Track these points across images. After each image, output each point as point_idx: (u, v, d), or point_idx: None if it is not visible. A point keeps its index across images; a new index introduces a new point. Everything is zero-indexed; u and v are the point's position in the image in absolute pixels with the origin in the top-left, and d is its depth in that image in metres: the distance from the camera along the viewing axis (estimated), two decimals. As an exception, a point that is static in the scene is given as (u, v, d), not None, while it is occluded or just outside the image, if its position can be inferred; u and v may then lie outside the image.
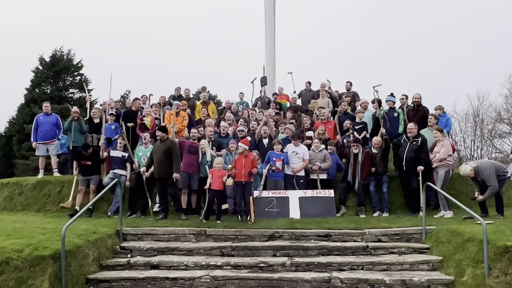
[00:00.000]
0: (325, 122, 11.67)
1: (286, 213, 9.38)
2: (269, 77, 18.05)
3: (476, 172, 8.36)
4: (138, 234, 7.93)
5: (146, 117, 11.70)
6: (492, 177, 8.20)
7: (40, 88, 31.67)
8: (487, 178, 8.23)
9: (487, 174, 8.23)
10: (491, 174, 8.21)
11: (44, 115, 12.03)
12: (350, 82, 14.67)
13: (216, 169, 9.07)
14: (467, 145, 34.30)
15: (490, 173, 8.22)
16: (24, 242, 6.10)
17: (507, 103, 31.57)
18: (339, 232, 7.73)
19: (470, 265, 6.09)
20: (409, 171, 9.47)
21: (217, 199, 8.99)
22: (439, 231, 7.37)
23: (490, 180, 8.21)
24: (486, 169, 8.27)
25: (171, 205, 9.63)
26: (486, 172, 8.25)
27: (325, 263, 6.69)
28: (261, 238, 7.69)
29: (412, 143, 9.52)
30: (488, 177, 8.22)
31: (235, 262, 6.76)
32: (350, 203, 10.17)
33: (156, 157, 9.32)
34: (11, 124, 31.62)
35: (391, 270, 6.62)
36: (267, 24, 18.77)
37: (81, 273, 6.33)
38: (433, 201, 9.90)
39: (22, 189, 11.72)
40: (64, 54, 32.42)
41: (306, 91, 15.33)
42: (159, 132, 9.56)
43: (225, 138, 11.10)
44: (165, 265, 6.82)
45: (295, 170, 10.04)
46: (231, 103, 15.70)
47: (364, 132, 11.24)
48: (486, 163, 8.52)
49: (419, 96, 11.31)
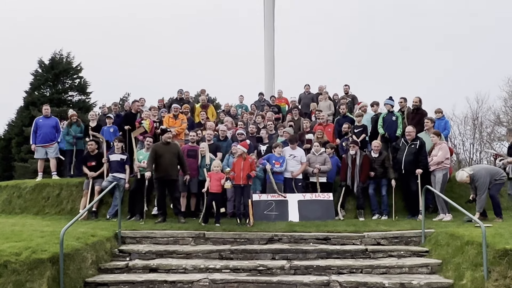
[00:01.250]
0: (324, 125, 11.67)
1: (285, 216, 9.37)
2: (268, 80, 18.11)
3: (471, 179, 8.53)
4: (136, 237, 7.91)
5: (144, 120, 11.71)
6: (483, 188, 8.39)
7: (39, 90, 31.61)
8: (480, 186, 8.43)
9: (481, 183, 8.42)
10: (483, 184, 8.40)
11: (43, 117, 12.01)
12: (348, 85, 14.69)
13: (214, 172, 9.07)
14: (466, 148, 34.33)
15: (484, 182, 8.41)
16: (23, 245, 6.09)
17: (506, 106, 31.62)
18: (338, 235, 7.72)
19: (469, 268, 6.08)
20: (408, 174, 9.47)
21: (215, 202, 8.98)
22: (438, 234, 7.37)
23: (481, 189, 8.41)
24: (481, 177, 8.45)
25: (170, 208, 9.62)
26: (480, 181, 8.43)
27: (324, 266, 6.68)
28: (260, 241, 7.67)
29: (411, 146, 9.52)
30: (481, 185, 8.41)
31: (234, 266, 6.75)
32: (349, 206, 10.17)
33: (166, 159, 9.20)
34: (10, 127, 31.59)
35: (390, 273, 6.62)
36: (266, 28, 18.79)
37: (80, 276, 6.32)
38: (431, 204, 9.89)
39: (21, 192, 11.71)
40: (63, 57, 32.36)
41: (305, 94, 15.35)
42: (169, 134, 9.55)
43: (224, 141, 11.11)
44: (164, 269, 6.80)
45: (294, 174, 10.04)
46: (230, 106, 15.72)
47: (363, 135, 11.24)
48: (482, 170, 8.65)
49: (418, 99, 11.32)
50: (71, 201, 10.91)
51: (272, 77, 18.40)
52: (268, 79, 18.34)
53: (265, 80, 18.44)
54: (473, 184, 8.55)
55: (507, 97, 31.68)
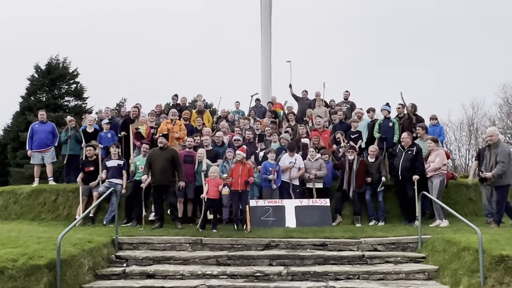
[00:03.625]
0: (320, 131, 11.70)
1: (282, 222, 9.36)
2: (265, 85, 18.09)
3: (497, 141, 8.33)
4: (133, 243, 7.89)
5: (141, 125, 11.68)
6: (507, 157, 8.15)
7: (35, 96, 31.60)
8: (501, 154, 8.21)
9: (503, 151, 8.19)
10: (506, 153, 8.18)
11: (39, 123, 12.00)
12: (348, 91, 14.73)
13: (212, 178, 9.07)
14: (462, 154, 34.51)
15: (507, 152, 8.19)
16: (19, 251, 6.05)
17: (501, 112, 31.87)
18: (335, 241, 7.73)
19: (465, 274, 6.11)
20: (404, 180, 9.50)
21: (213, 208, 8.98)
22: (435, 240, 7.40)
23: (504, 156, 8.19)
24: (506, 147, 8.24)
25: (167, 214, 9.61)
26: (504, 149, 8.20)
27: (321, 272, 6.68)
28: (257, 247, 7.67)
29: (407, 152, 9.56)
30: (503, 153, 8.21)
31: (231, 271, 6.74)
32: (346, 212, 10.17)
33: (158, 164, 9.19)
34: (6, 132, 31.54)
35: (387, 279, 6.63)
36: (263, 32, 18.80)
37: (76, 282, 6.29)
38: (428, 210, 9.92)
39: (17, 198, 11.66)
40: (60, 62, 32.38)
41: (302, 100, 15.36)
42: (163, 139, 9.54)
43: (221, 147, 11.10)
44: (161, 274, 6.78)
45: (293, 176, 10.03)
46: (227, 112, 15.70)
47: (359, 141, 11.28)
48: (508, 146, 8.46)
49: (415, 105, 11.38)
50: (68, 206, 10.87)
51: (269, 82, 18.40)
52: (265, 84, 18.33)
53: (262, 85, 18.43)
54: (493, 150, 8.33)
55: (503, 103, 31.95)
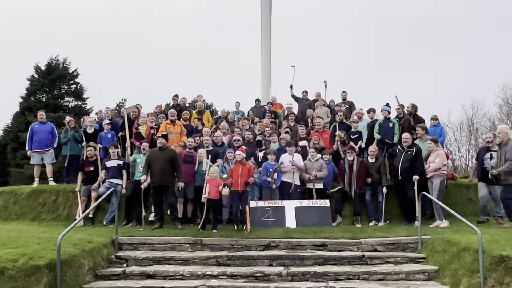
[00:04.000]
0: (320, 131, 11.70)
1: (282, 223, 9.36)
2: (265, 85, 18.10)
3: (506, 140, 8.35)
4: (133, 244, 7.89)
5: (141, 126, 11.70)
6: None
7: (35, 96, 31.59)
8: (510, 152, 8.23)
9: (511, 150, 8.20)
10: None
11: (39, 123, 12.02)
12: (346, 91, 14.73)
13: (212, 178, 9.07)
14: (462, 155, 34.50)
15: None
16: (19, 251, 6.05)
17: (501, 113, 31.89)
18: (335, 242, 7.73)
19: (465, 274, 6.10)
20: (404, 180, 9.51)
21: (213, 209, 8.98)
22: (435, 241, 7.40)
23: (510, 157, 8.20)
24: None
25: (167, 214, 9.60)
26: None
27: (321, 273, 6.68)
28: (257, 247, 7.68)
29: (407, 153, 9.56)
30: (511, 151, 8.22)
31: (231, 272, 6.73)
32: (346, 212, 10.18)
33: (158, 165, 9.18)
34: (6, 132, 31.53)
35: (387, 279, 6.62)
36: (263, 32, 18.82)
37: (76, 282, 6.29)
38: (428, 210, 9.92)
39: (17, 198, 11.67)
40: (59, 63, 32.37)
41: (302, 100, 15.35)
42: (162, 140, 9.54)
43: (220, 148, 11.10)
44: (161, 275, 6.77)
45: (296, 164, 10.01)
46: (227, 112, 15.70)
47: (359, 142, 11.28)
48: None
49: (415, 106, 11.38)
50: (68, 207, 10.87)
51: (269, 83, 18.42)
52: (265, 85, 18.34)
53: (262, 85, 18.44)
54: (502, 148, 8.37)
55: (502, 104, 31.96)
